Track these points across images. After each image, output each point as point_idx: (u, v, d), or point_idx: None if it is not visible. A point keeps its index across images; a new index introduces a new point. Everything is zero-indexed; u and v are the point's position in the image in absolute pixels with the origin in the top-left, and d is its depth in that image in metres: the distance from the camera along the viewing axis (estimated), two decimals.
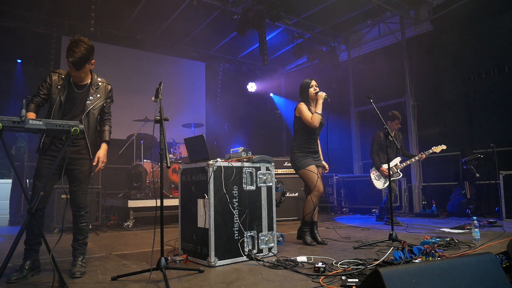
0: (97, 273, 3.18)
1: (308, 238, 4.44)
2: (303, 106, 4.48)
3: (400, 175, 6.31)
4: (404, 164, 6.27)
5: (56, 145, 3.19)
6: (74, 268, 3.13)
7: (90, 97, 3.32)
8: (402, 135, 6.71)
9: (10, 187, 7.35)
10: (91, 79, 3.36)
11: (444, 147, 6.05)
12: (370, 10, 8.80)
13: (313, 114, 4.41)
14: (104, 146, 3.42)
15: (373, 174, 6.40)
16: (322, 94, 4.46)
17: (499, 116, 7.28)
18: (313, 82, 4.62)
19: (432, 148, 6.04)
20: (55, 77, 3.23)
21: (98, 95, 3.37)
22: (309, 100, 4.58)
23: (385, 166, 6.18)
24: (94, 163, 3.33)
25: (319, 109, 4.41)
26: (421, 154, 6.09)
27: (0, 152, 7.75)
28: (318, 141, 4.81)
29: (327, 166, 4.77)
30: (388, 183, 6.05)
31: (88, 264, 3.40)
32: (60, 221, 5.89)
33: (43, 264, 3.23)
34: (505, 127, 7.12)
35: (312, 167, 4.43)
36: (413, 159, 6.22)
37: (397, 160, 6.32)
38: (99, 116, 3.43)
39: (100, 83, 3.41)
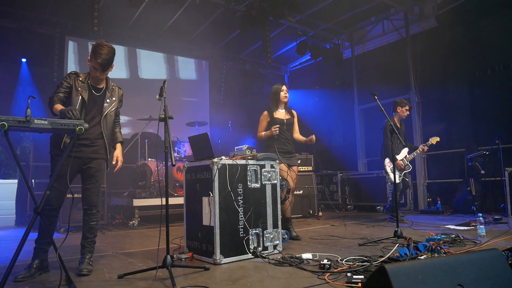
0: (103, 272, 3.20)
1: (294, 233, 4.74)
2: (262, 116, 4.90)
3: (410, 167, 6.19)
4: (412, 156, 6.18)
5: (76, 145, 3.21)
6: (82, 265, 3.16)
7: (107, 100, 3.45)
8: (406, 132, 6.64)
9: (16, 187, 7.40)
10: (107, 83, 3.50)
11: (437, 139, 6.08)
12: (374, 6, 8.77)
13: (261, 135, 4.80)
14: (119, 147, 3.63)
15: (389, 167, 6.17)
16: (276, 132, 4.63)
17: (504, 112, 7.23)
18: (284, 87, 4.94)
19: (430, 139, 6.09)
20: (75, 79, 3.34)
21: (114, 98, 3.52)
22: (277, 104, 4.91)
23: (399, 158, 6.09)
24: (113, 163, 3.53)
25: (266, 135, 4.77)
26: (423, 146, 6.11)
27: (6, 152, 7.81)
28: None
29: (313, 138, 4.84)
30: (402, 175, 6.11)
31: (94, 262, 3.41)
32: (66, 220, 5.92)
33: (50, 263, 3.25)
34: (511, 124, 7.07)
35: (281, 166, 4.63)
36: (417, 151, 6.19)
37: (405, 152, 6.21)
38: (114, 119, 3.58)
39: (114, 87, 3.55)
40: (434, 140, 6.10)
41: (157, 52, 9.86)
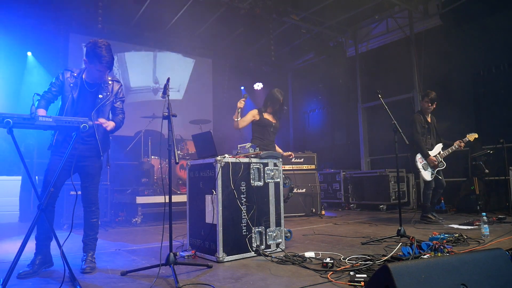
0: (106, 269, 3.22)
1: None
2: (252, 112, 4.88)
3: (444, 165, 5.73)
4: (446, 152, 5.77)
5: (69, 142, 3.21)
6: (84, 263, 3.17)
7: (99, 95, 3.36)
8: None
9: (20, 183, 7.42)
10: None
11: (475, 135, 5.73)
12: (378, 4, 8.71)
13: (238, 121, 4.65)
14: (110, 122, 3.34)
15: (420, 163, 5.73)
16: (241, 105, 4.64)
17: (509, 111, 7.19)
18: (282, 98, 4.97)
19: (467, 135, 5.74)
20: (67, 75, 3.29)
21: (108, 92, 3.42)
22: (268, 108, 4.95)
23: (431, 154, 5.73)
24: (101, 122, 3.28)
25: (242, 120, 4.74)
26: (459, 142, 5.71)
27: (10, 149, 7.83)
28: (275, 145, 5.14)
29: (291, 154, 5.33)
30: (434, 173, 5.74)
31: (97, 259, 3.42)
32: (70, 217, 5.94)
33: (53, 260, 3.26)
34: None
35: None
36: (452, 148, 5.75)
37: (439, 148, 5.82)
38: (110, 113, 3.47)
39: (110, 81, 3.46)
40: (471, 136, 5.71)
41: (161, 50, 9.86)
